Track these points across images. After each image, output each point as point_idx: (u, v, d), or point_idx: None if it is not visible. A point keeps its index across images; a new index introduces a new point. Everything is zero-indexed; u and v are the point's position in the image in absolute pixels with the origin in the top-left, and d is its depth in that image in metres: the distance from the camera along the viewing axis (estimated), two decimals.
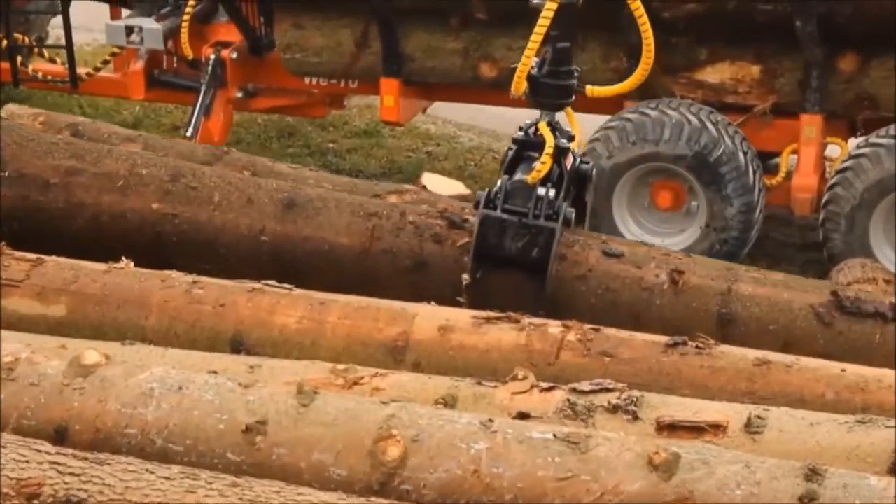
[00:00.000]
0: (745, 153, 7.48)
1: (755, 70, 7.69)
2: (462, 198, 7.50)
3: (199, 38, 8.70)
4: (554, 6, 4.85)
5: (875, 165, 7.22)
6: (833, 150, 7.83)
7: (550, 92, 5.03)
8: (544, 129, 4.93)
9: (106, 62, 9.15)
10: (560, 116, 5.12)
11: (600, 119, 7.78)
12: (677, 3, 7.52)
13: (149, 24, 8.66)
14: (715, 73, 7.76)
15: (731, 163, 7.44)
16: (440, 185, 7.49)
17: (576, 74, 5.06)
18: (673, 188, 7.65)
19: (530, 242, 4.75)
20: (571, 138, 5.04)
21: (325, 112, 9.19)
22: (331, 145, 9.87)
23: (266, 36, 8.71)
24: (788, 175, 7.79)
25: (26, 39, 9.30)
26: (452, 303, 4.65)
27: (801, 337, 4.59)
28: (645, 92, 7.60)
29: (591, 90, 5.14)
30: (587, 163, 5.15)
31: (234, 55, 8.60)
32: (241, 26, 8.62)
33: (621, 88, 5.27)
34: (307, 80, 8.62)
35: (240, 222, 4.85)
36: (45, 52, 9.29)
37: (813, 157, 7.65)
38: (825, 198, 7.37)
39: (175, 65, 8.94)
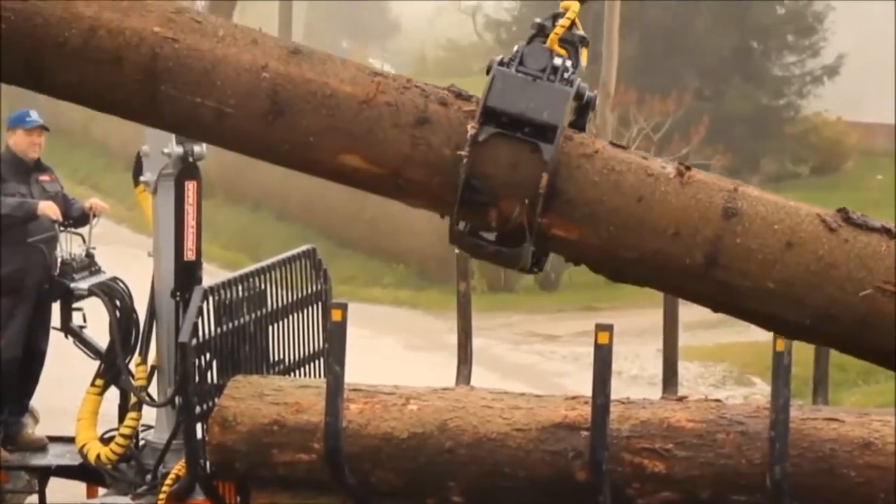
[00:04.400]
0: None
1: None
2: None
3: None
4: None
5: None
6: None
7: None
8: (569, 4, 4.88)
9: None
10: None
11: None
12: (651, 491, 7.67)
13: (123, 501, 8.81)
14: None
15: None
16: None
17: None
18: None
19: (542, 103, 4.66)
20: (586, 42, 4.97)
21: None
22: None
23: None
24: None
25: None
26: (452, 163, 4.61)
27: (805, 238, 4.52)
28: None
29: None
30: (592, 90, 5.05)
31: None
32: None
33: None
34: None
35: (242, 57, 4.77)
36: None
37: None
38: None
39: None
